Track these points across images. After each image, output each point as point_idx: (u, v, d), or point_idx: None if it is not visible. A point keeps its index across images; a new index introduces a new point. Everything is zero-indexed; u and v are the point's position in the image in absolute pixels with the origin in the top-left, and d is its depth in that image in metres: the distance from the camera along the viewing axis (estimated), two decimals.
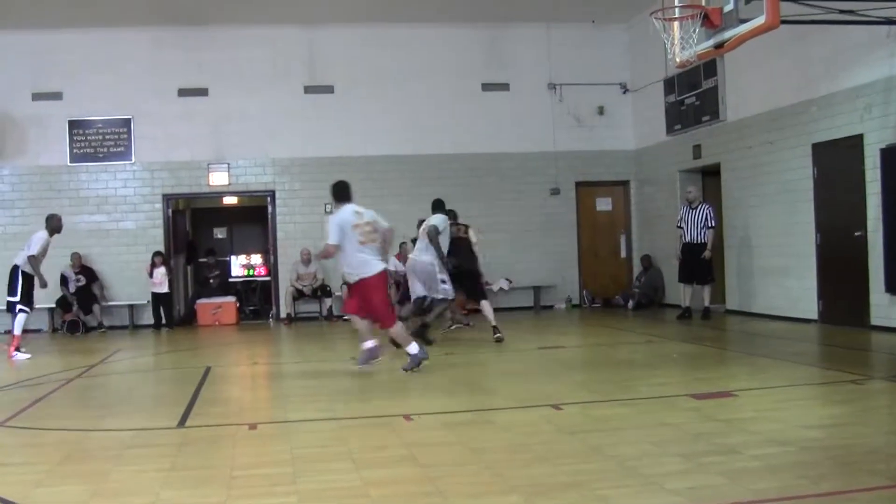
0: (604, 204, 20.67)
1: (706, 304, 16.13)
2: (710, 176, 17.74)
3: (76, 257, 18.25)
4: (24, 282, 13.70)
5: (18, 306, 13.67)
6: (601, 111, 20.31)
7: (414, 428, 7.17)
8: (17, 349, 13.39)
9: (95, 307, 18.35)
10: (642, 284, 19.23)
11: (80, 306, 18.23)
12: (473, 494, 5.14)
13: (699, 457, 5.79)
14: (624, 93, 20.35)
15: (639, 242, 20.43)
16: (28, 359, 13.16)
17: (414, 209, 18.64)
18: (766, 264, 15.61)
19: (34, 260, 13.53)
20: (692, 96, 17.54)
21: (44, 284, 13.81)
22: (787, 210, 14.89)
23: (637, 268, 20.00)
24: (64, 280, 18.19)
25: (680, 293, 16.62)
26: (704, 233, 15.84)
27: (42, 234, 13.72)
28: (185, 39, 19.04)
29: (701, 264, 16.03)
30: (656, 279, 19.14)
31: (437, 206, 14.02)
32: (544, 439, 6.60)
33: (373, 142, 19.40)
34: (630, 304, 17.67)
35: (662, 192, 18.96)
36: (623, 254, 20.45)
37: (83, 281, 18.24)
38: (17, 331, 13.65)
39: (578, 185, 20.34)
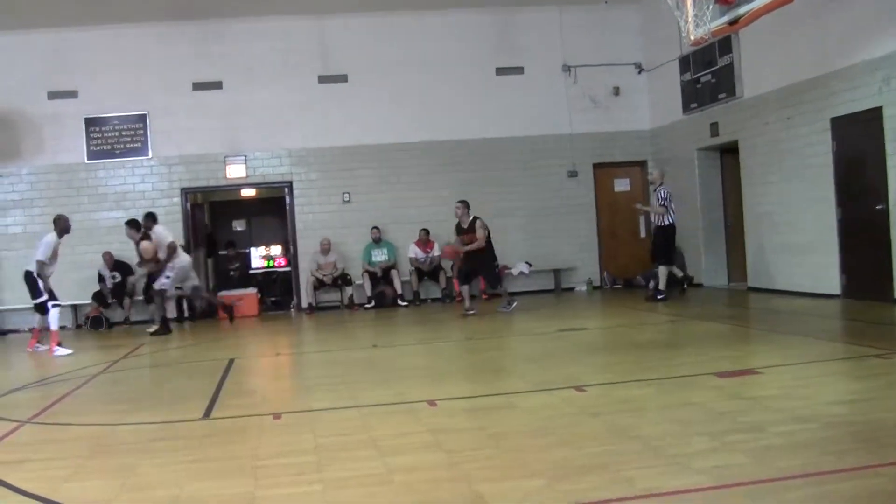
0: (622, 184, 20.60)
1: (659, 285, 16.18)
2: (728, 153, 17.67)
3: (107, 256, 18.34)
4: (44, 281, 13.81)
5: (49, 303, 13.76)
6: (616, 92, 20.23)
7: (437, 413, 7.18)
8: (59, 344, 13.53)
9: (126, 301, 18.48)
10: None
11: (116, 301, 18.41)
12: (498, 479, 5.14)
13: (724, 435, 5.78)
14: (639, 73, 20.27)
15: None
16: (69, 354, 13.26)
17: (430, 196, 18.73)
18: (786, 240, 15.53)
19: (40, 265, 13.63)
20: (708, 74, 17.44)
21: (47, 289, 13.88)
22: (807, 185, 14.81)
23: None
24: (101, 278, 18.33)
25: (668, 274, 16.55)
26: (661, 214, 15.94)
27: (50, 238, 13.80)
28: (198, 34, 19.07)
29: (656, 244, 16.22)
30: (677, 258, 19.04)
31: None
32: (567, 422, 6.60)
33: (388, 130, 19.40)
34: (651, 284, 17.56)
35: (680, 171, 18.86)
36: (642, 234, 20.36)
37: (119, 277, 18.35)
38: (54, 326, 13.76)
39: (596, 166, 20.28)
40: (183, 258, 16.28)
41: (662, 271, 16.13)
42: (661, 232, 16.08)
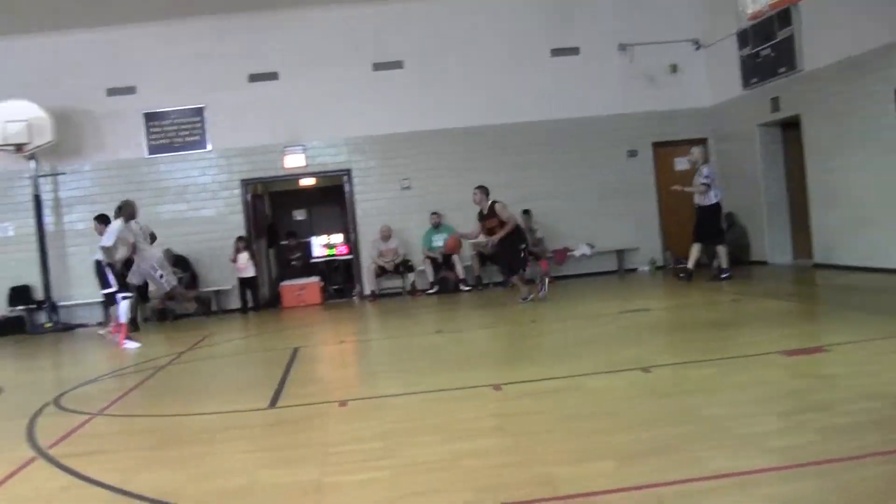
0: (682, 163, 20.35)
1: (722, 264, 15.97)
2: (790, 128, 17.41)
3: (168, 255, 18.54)
4: (112, 270, 13.97)
5: (119, 294, 13.93)
6: (674, 69, 20.01)
7: (503, 398, 7.16)
8: (128, 337, 13.67)
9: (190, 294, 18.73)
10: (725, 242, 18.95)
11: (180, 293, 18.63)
12: (565, 462, 5.11)
13: (793, 414, 5.70)
14: (696, 49, 20.02)
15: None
16: (138, 347, 13.42)
17: (489, 180, 18.62)
18: (853, 215, 15.27)
19: (106, 250, 13.77)
20: (767, 48, 17.19)
21: (118, 280, 14.05)
22: (873, 158, 14.54)
23: None
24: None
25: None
26: (703, 193, 15.67)
27: (116, 225, 13.93)
28: (252, 25, 19.18)
29: (701, 223, 15.90)
30: (740, 237, 18.85)
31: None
32: (634, 403, 6.55)
33: (445, 115, 19.38)
34: (714, 263, 17.35)
35: (742, 148, 18.63)
36: None
37: (180, 272, 18.54)
38: (124, 318, 13.92)
39: (655, 145, 20.09)
40: (156, 252, 15.83)
41: (722, 250, 15.95)
42: (706, 211, 15.81)
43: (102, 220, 15.53)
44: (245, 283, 18.86)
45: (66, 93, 18.67)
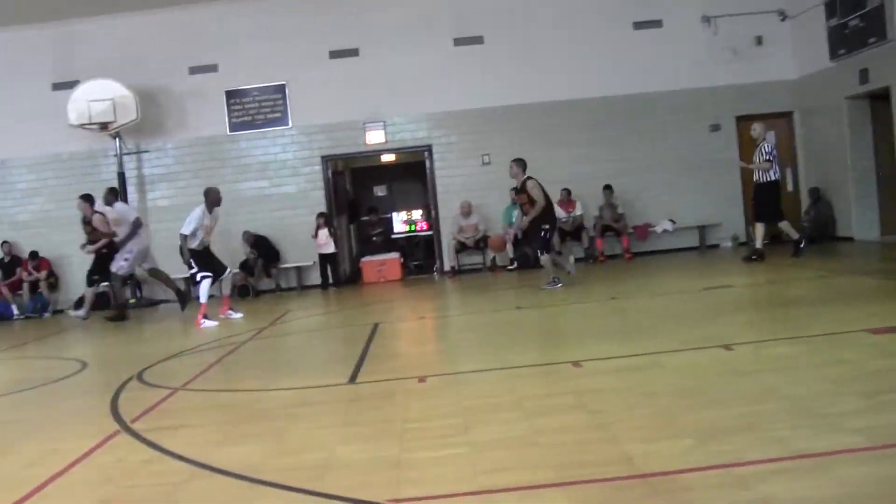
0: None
1: (756, 244, 15.52)
2: (879, 101, 16.99)
3: (247, 236, 18.79)
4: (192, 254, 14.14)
5: (199, 275, 14.10)
6: (759, 41, 19.60)
7: (582, 374, 7.11)
8: (205, 317, 13.84)
9: (273, 270, 18.96)
10: (811, 218, 18.62)
11: (264, 270, 18.85)
12: (645, 439, 5.06)
13: (879, 394, 5.56)
14: (782, 20, 19.59)
15: (806, 175, 19.71)
16: (216, 326, 13.56)
17: (571, 155, 18.55)
18: None
19: (183, 239, 13.91)
20: (856, 18, 16.78)
21: (186, 263, 14.17)
22: None
23: (805, 201, 19.35)
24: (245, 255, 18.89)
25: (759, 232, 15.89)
26: (766, 170, 15.16)
27: (198, 211, 14.05)
28: (333, 2, 19.22)
29: (759, 201, 15.44)
30: (826, 212, 18.50)
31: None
32: (716, 381, 6.46)
33: (525, 90, 19.24)
34: (784, 238, 17.00)
35: (829, 121, 18.25)
36: (790, 187, 19.77)
37: (255, 254, 18.76)
38: (203, 299, 14.05)
39: (739, 119, 19.73)
40: (144, 238, 15.91)
41: (760, 230, 15.46)
42: (765, 188, 15.29)
43: (87, 199, 15.59)
44: (325, 260, 18.99)
45: (149, 72, 18.96)
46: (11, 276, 19.19)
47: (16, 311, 18.97)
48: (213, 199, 14.16)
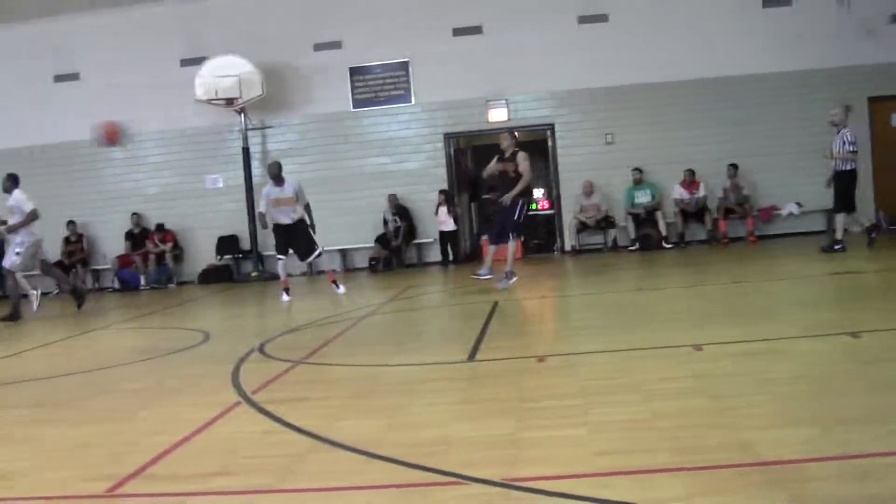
0: None
1: (836, 235, 14.72)
2: None
3: (392, 198, 18.93)
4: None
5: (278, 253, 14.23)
6: (894, 19, 18.88)
7: (702, 358, 6.94)
8: (286, 290, 14.14)
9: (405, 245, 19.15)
10: None
11: (398, 244, 18.97)
12: (765, 427, 4.90)
13: None
14: None
15: None
16: (288, 302, 13.75)
17: (695, 135, 18.21)
18: None
19: (260, 216, 14.24)
20: None
21: (263, 225, 14.42)
22: None
23: None
24: (385, 221, 19.05)
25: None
26: (845, 159, 14.36)
27: (265, 189, 14.19)
28: None
29: (836, 191, 14.64)
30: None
31: None
32: (840, 370, 6.26)
33: (650, 69, 18.91)
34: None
35: None
36: None
37: (399, 222, 18.87)
38: (281, 275, 14.33)
39: (871, 100, 19.04)
40: (37, 232, 14.60)
41: (841, 220, 14.75)
42: (844, 177, 14.55)
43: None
44: (445, 237, 19.00)
45: (275, 48, 19.21)
46: (140, 248, 19.67)
47: (142, 282, 19.46)
48: (270, 173, 14.24)
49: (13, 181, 14.41)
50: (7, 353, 10.72)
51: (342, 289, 14.41)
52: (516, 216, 13.52)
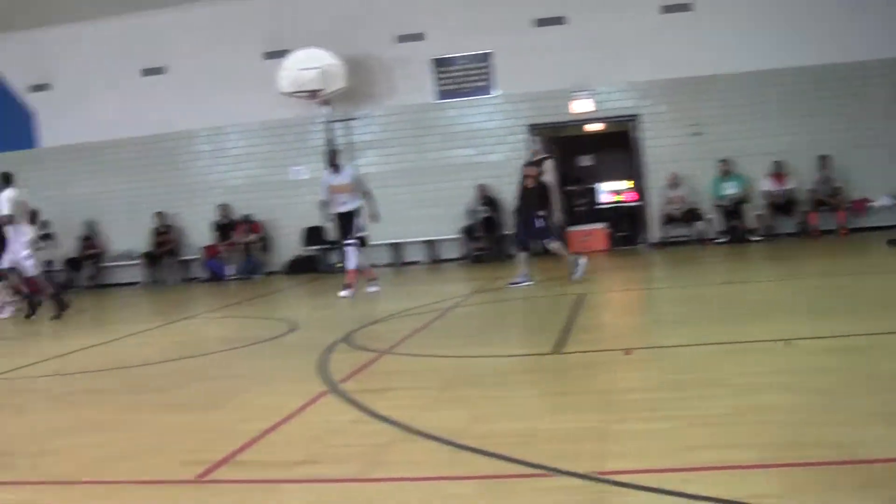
0: None
1: None
2: None
3: (480, 189, 18.91)
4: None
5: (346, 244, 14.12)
6: None
7: (794, 353, 6.81)
8: (346, 286, 13.78)
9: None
10: None
11: (487, 236, 18.93)
12: (859, 424, 4.79)
13: None
14: None
15: None
16: (347, 296, 13.52)
17: (783, 126, 17.85)
18: None
19: (322, 204, 14.22)
20: None
21: (327, 215, 14.37)
22: None
23: None
24: (473, 212, 19.10)
25: None
26: None
27: (323, 175, 14.26)
28: None
29: None
30: None
31: None
32: None
33: (737, 58, 18.48)
34: None
35: None
36: None
37: (488, 212, 18.87)
38: (352, 265, 13.98)
39: None
40: (23, 233, 14.03)
41: None
42: None
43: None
44: None
45: (357, 40, 19.26)
46: (227, 238, 19.93)
47: (229, 272, 19.72)
48: (327, 160, 14.31)
49: (7, 180, 14.05)
50: (101, 340, 10.95)
51: (372, 288, 14.02)
52: (535, 227, 13.57)
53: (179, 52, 20.31)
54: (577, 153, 23.43)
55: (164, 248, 20.29)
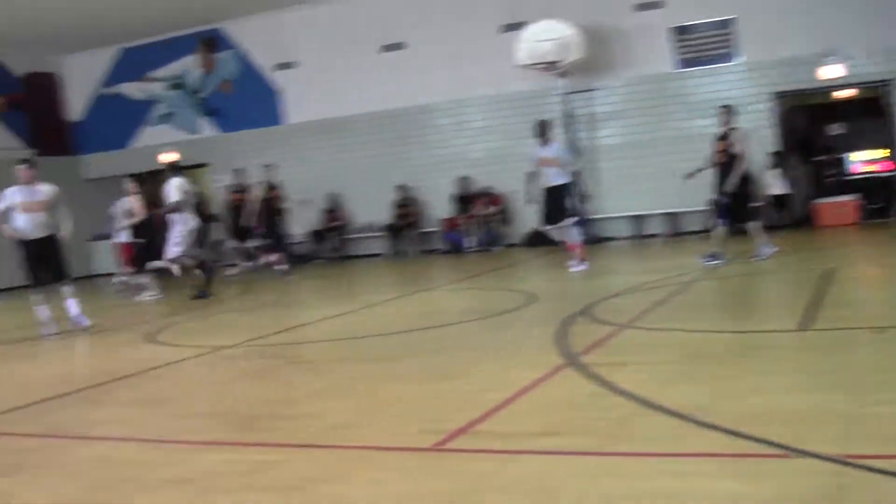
0: None
1: None
2: None
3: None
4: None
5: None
6: None
7: None
8: (582, 260, 13.61)
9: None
10: None
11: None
12: None
13: None
14: None
15: None
16: (582, 271, 13.35)
17: None
18: None
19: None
20: None
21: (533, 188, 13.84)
22: None
23: None
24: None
25: None
26: None
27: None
28: None
29: None
30: None
31: None
32: None
33: None
34: None
35: None
36: None
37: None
38: (576, 239, 13.88)
39: None
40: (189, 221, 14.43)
41: None
42: None
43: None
44: (776, 200, 18.32)
45: (595, 10, 19.11)
46: (467, 211, 20.22)
47: (468, 244, 20.02)
48: (536, 131, 13.90)
49: (173, 169, 14.65)
50: (343, 310, 11.36)
51: (580, 266, 13.56)
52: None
53: (419, 28, 20.71)
54: (828, 120, 22.47)
55: (406, 220, 20.79)
